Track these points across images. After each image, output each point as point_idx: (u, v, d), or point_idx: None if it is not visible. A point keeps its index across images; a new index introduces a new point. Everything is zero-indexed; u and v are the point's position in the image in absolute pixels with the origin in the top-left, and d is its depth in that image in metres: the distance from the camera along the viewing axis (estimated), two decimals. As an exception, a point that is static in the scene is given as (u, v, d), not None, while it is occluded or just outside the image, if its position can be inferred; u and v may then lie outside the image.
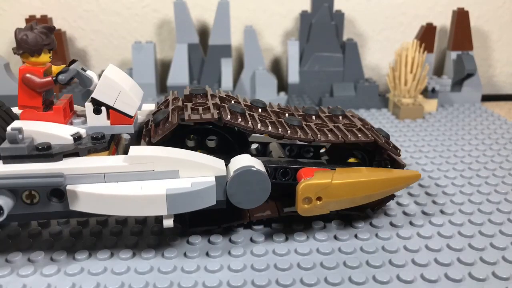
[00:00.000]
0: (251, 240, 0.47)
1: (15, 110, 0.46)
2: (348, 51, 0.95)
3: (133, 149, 0.41)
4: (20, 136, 0.40)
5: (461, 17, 0.98)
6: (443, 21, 1.05)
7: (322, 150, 0.54)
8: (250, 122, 0.45)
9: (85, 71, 0.45)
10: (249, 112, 0.47)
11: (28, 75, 0.42)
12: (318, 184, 0.43)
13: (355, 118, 0.52)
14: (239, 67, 1.04)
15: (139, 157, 0.41)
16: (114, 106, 0.44)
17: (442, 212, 0.52)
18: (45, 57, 0.43)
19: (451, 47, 1.00)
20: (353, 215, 0.50)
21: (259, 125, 0.45)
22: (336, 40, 0.95)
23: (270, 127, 0.45)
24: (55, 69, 0.45)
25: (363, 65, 0.98)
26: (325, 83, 0.95)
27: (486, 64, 1.10)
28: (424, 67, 0.91)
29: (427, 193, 0.56)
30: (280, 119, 0.48)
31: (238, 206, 0.43)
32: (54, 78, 0.43)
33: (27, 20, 0.89)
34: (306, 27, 0.96)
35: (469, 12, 0.98)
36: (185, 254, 0.44)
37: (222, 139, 0.47)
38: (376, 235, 0.47)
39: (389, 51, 1.06)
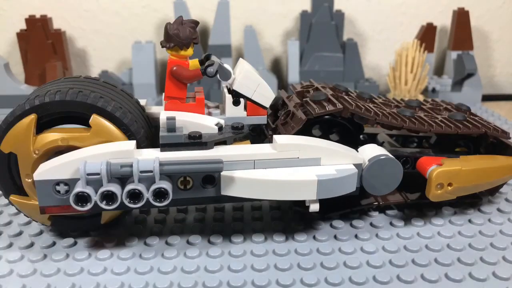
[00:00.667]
0: (251, 240, 0.47)
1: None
2: (348, 51, 0.95)
3: (280, 138, 0.44)
4: (176, 125, 0.42)
5: (461, 17, 0.98)
6: (443, 21, 1.05)
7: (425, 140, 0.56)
8: (372, 113, 0.47)
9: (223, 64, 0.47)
10: (363, 103, 0.50)
11: (177, 67, 0.45)
12: (450, 170, 0.46)
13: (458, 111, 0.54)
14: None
15: (287, 145, 0.43)
16: (252, 98, 0.47)
17: (442, 212, 0.52)
18: (190, 51, 0.45)
19: (452, 47, 1.00)
20: (354, 216, 0.50)
21: (381, 115, 0.48)
22: (336, 40, 0.95)
23: (390, 117, 0.48)
24: (192, 62, 0.47)
25: (363, 65, 0.98)
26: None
27: (487, 64, 1.10)
28: (425, 67, 0.91)
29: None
30: (392, 110, 0.51)
31: (371, 193, 0.46)
32: (202, 70, 0.45)
33: (27, 20, 0.89)
34: (306, 27, 0.96)
35: (470, 12, 0.98)
36: (185, 254, 0.44)
37: (343, 130, 0.50)
38: (376, 235, 0.47)
39: (389, 51, 1.06)
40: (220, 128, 0.44)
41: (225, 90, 0.48)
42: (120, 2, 1.00)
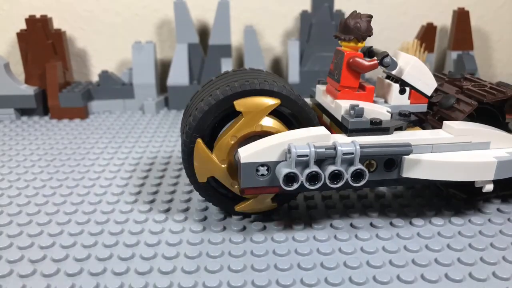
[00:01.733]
0: (251, 240, 0.47)
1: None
2: (348, 51, 0.95)
3: (455, 124, 0.47)
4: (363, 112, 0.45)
5: (461, 17, 0.98)
6: (443, 21, 1.05)
7: None
8: None
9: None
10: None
11: (357, 58, 0.47)
12: None
13: None
14: (239, 67, 1.04)
15: (462, 130, 0.46)
16: (417, 87, 0.50)
17: (442, 212, 0.52)
18: (363, 43, 0.48)
19: (452, 47, 1.00)
20: (354, 215, 0.50)
21: None
22: (336, 40, 0.95)
23: None
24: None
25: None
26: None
27: (487, 64, 1.10)
28: (425, 67, 0.91)
29: (428, 194, 0.56)
30: None
31: None
32: (378, 61, 0.48)
33: (27, 20, 0.89)
34: (306, 27, 0.96)
35: (470, 12, 0.98)
36: (185, 254, 0.44)
37: (493, 117, 0.52)
38: (377, 235, 0.47)
39: (389, 50, 1.05)
40: (391, 115, 0.47)
41: (387, 80, 0.51)
42: (120, 2, 1.00)
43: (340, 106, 0.47)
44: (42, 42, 0.89)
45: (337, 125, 0.48)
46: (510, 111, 0.52)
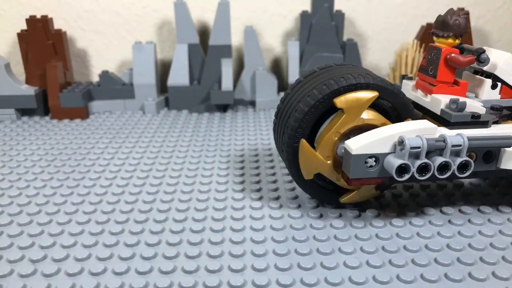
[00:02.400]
0: (251, 240, 0.47)
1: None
2: (348, 51, 0.95)
3: None
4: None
5: (461, 17, 0.98)
6: (443, 21, 1.05)
7: None
8: None
9: None
10: None
11: (454, 55, 0.48)
12: None
13: None
14: (239, 67, 1.04)
15: None
16: (509, 82, 0.51)
17: (442, 212, 0.52)
18: (458, 40, 0.49)
19: (452, 47, 1.00)
20: (354, 215, 0.51)
21: None
22: (336, 40, 0.95)
23: None
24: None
25: (363, 65, 0.98)
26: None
27: (487, 64, 1.10)
28: (425, 67, 0.91)
29: (428, 194, 0.56)
30: None
31: None
32: (475, 56, 0.49)
33: (27, 21, 0.89)
34: (306, 27, 0.96)
35: (470, 12, 0.98)
36: (185, 254, 0.44)
37: None
38: (376, 235, 0.47)
39: (389, 51, 1.06)
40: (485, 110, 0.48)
41: (478, 76, 0.52)
42: (120, 3, 1.00)
43: (440, 101, 0.48)
44: (42, 42, 0.90)
45: (434, 119, 0.49)
46: None
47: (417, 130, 0.45)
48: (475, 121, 0.47)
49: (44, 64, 0.90)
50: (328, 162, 0.48)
